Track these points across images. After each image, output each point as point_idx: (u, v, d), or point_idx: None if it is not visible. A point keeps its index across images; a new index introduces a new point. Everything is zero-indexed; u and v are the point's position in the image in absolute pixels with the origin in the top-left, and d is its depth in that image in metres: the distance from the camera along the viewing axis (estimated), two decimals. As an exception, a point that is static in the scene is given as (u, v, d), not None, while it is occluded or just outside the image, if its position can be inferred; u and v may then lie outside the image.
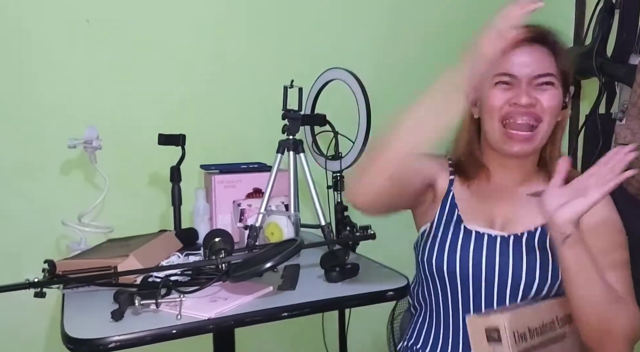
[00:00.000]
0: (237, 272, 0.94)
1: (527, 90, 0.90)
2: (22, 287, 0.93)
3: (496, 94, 0.92)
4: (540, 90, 0.91)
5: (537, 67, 0.91)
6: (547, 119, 0.91)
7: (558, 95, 0.92)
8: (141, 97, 1.46)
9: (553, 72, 0.92)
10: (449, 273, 0.93)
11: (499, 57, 0.87)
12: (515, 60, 0.91)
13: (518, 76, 0.91)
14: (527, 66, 0.91)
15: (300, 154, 1.26)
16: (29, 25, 1.35)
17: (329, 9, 1.64)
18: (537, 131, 0.91)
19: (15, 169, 1.36)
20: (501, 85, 0.92)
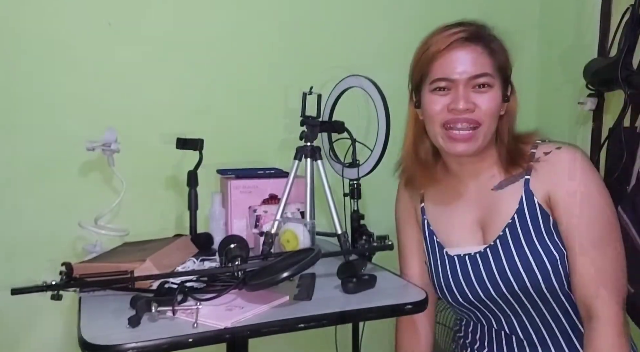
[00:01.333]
0: (253, 280, 0.93)
1: (464, 94, 0.90)
2: (40, 290, 0.93)
3: (434, 100, 0.93)
4: (478, 93, 0.91)
5: (472, 68, 0.90)
6: (487, 121, 0.92)
7: (496, 96, 0.92)
8: (160, 100, 1.47)
9: (489, 72, 0.91)
10: (457, 303, 0.99)
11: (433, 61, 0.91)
12: (450, 62, 0.91)
13: (454, 79, 0.91)
14: (462, 68, 0.90)
15: (317, 160, 1.25)
16: (51, 27, 1.36)
17: (349, 16, 1.64)
18: (478, 132, 0.92)
19: (34, 169, 1.37)
20: (438, 91, 0.93)
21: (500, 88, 0.94)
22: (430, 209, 1.04)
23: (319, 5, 1.60)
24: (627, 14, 1.42)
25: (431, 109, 0.94)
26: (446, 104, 0.92)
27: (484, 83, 0.91)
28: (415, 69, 0.98)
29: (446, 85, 0.92)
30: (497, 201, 0.96)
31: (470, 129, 0.92)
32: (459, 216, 1.00)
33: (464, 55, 0.91)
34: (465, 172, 1.00)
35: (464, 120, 0.91)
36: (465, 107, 0.90)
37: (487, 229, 0.97)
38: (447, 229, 1.01)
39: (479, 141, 0.93)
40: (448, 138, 0.93)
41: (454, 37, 0.91)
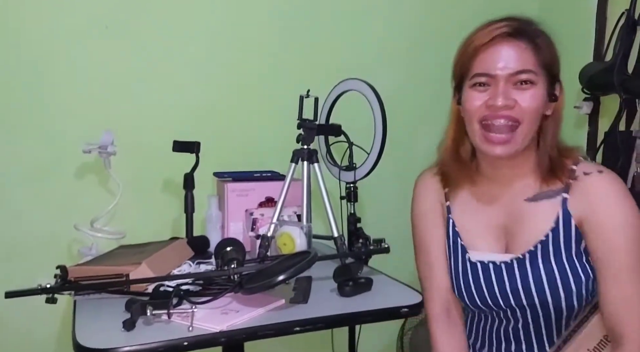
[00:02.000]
0: (249, 283, 0.93)
1: (504, 91, 0.87)
2: (35, 293, 0.93)
3: (473, 96, 0.90)
4: (519, 90, 0.87)
5: (514, 63, 0.87)
6: (527, 120, 0.87)
7: (539, 94, 0.88)
8: (157, 103, 1.46)
9: (532, 68, 0.87)
10: (474, 305, 0.97)
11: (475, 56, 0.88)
12: (491, 58, 0.88)
13: (494, 75, 0.87)
14: (503, 63, 0.87)
15: (314, 163, 1.25)
16: (48, 30, 1.36)
17: (347, 20, 1.64)
18: (517, 133, 0.88)
19: (30, 171, 1.37)
20: (478, 87, 0.90)
21: (544, 86, 0.89)
22: (456, 209, 1.00)
23: (317, 8, 1.60)
24: (622, 19, 1.43)
25: (470, 105, 0.90)
26: (485, 100, 0.89)
27: (526, 80, 0.87)
28: (457, 65, 0.95)
29: (486, 81, 0.88)
30: (530, 214, 0.92)
31: (508, 130, 0.87)
32: (486, 221, 0.97)
33: (506, 51, 0.87)
34: (500, 176, 0.96)
35: (502, 117, 0.87)
36: (503, 104, 0.86)
37: (513, 239, 0.94)
38: (471, 232, 0.97)
39: (517, 143, 0.88)
40: (485, 140, 0.89)
41: (497, 32, 0.87)
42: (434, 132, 1.00)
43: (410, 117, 1.70)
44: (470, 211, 0.99)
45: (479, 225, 0.97)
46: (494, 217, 0.96)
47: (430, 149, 1.73)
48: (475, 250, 0.97)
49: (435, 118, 1.77)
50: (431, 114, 1.75)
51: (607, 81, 1.39)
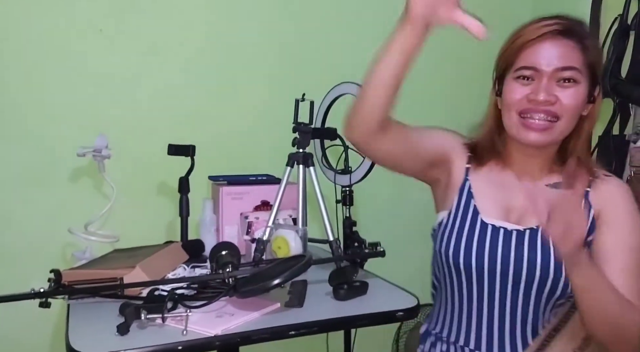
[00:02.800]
0: (244, 287, 0.93)
1: (546, 86, 0.88)
2: (28, 297, 0.92)
3: (516, 88, 0.91)
4: (562, 87, 0.88)
5: (560, 60, 0.88)
6: (566, 117, 0.89)
7: (581, 93, 0.89)
8: (152, 107, 1.46)
9: (577, 66, 0.88)
10: (466, 266, 0.94)
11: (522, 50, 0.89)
12: (538, 52, 0.88)
13: (539, 69, 0.88)
14: (549, 59, 0.88)
15: (309, 167, 1.25)
16: (42, 34, 1.35)
17: (341, 23, 1.65)
18: (556, 125, 0.89)
19: (24, 175, 1.36)
20: (521, 80, 0.90)
21: (586, 86, 0.90)
22: (476, 175, 1.00)
23: (312, 12, 1.61)
24: (615, 24, 1.44)
25: (510, 97, 0.91)
26: (526, 94, 0.89)
27: (570, 77, 0.88)
28: (502, 57, 0.95)
29: (530, 75, 0.89)
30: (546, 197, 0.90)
31: (548, 121, 0.89)
32: (504, 199, 0.97)
33: (554, 47, 0.88)
34: (528, 169, 0.97)
35: (542, 112, 0.88)
36: (545, 99, 0.87)
37: (527, 217, 0.95)
38: (488, 200, 0.97)
39: (554, 134, 0.90)
40: (522, 126, 0.90)
41: (547, 29, 0.88)
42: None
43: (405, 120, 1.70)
44: (490, 185, 0.98)
45: (496, 198, 0.97)
46: (511, 197, 0.96)
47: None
48: (488, 217, 0.96)
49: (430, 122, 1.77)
50: (426, 117, 1.75)
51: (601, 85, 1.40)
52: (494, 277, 0.93)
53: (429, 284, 1.03)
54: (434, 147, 1.01)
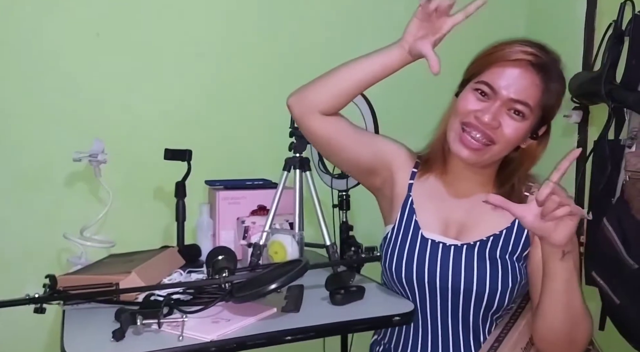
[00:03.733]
0: (240, 292, 0.92)
1: (495, 111, 0.90)
2: (22, 303, 0.92)
3: (470, 99, 0.94)
4: (509, 117, 0.91)
5: (519, 92, 0.90)
6: (501, 144, 0.92)
7: (523, 128, 0.92)
8: (148, 111, 1.46)
9: (531, 104, 0.90)
10: (407, 280, 0.98)
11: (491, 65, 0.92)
12: (503, 75, 0.91)
13: (497, 92, 0.91)
14: (510, 87, 0.90)
15: (306, 172, 1.25)
16: (39, 37, 1.36)
17: (338, 27, 1.65)
18: (489, 149, 0.92)
19: (19, 180, 1.36)
20: (478, 93, 0.93)
21: (532, 124, 0.93)
22: (418, 190, 1.03)
23: (309, 17, 1.62)
24: (610, 29, 1.45)
25: (462, 105, 0.94)
26: (475, 109, 0.92)
27: (520, 111, 0.91)
28: (473, 63, 0.98)
29: (488, 92, 0.92)
30: (487, 213, 0.96)
31: (483, 143, 0.92)
32: (444, 212, 1.01)
33: (520, 78, 0.90)
34: (465, 178, 1.01)
35: (481, 131, 0.92)
36: (489, 122, 0.90)
37: (467, 231, 0.98)
38: (428, 215, 1.01)
39: (484, 157, 0.93)
40: (459, 140, 0.94)
41: (523, 56, 0.90)
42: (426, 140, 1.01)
43: (402, 124, 1.70)
44: (432, 198, 1.02)
45: (437, 213, 1.01)
46: (450, 212, 1.00)
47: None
48: (427, 231, 1.00)
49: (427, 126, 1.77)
50: (423, 121, 1.76)
51: (596, 90, 1.41)
52: (435, 291, 0.97)
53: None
54: (374, 152, 1.04)
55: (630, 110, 1.37)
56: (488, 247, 0.96)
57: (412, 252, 0.98)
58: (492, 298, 0.94)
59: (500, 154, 0.95)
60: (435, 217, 1.01)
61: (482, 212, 0.96)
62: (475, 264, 0.94)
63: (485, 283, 0.93)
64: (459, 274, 0.94)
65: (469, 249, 0.96)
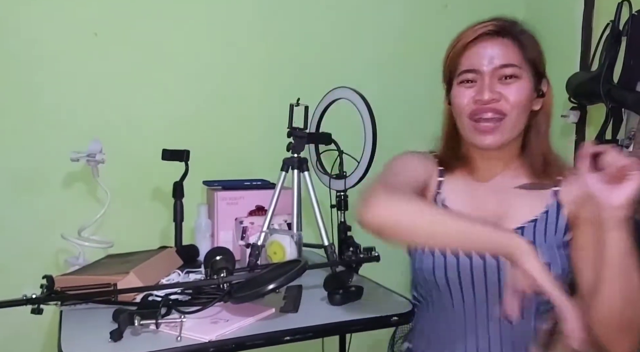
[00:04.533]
0: (239, 293, 0.92)
1: (490, 85, 0.89)
2: (20, 304, 0.91)
3: (461, 92, 0.93)
4: (504, 85, 0.90)
5: (498, 59, 0.90)
6: (513, 113, 0.90)
7: (524, 87, 0.90)
8: (146, 111, 1.46)
9: (516, 63, 0.90)
10: (448, 280, 0.93)
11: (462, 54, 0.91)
12: (476, 54, 0.91)
13: (480, 70, 0.90)
14: (488, 59, 0.90)
15: (304, 172, 1.25)
16: (36, 37, 1.35)
17: (336, 28, 1.65)
18: (503, 123, 0.90)
19: (16, 180, 1.35)
20: (465, 83, 0.92)
21: (530, 80, 0.92)
22: (448, 187, 1.00)
23: (307, 17, 1.61)
24: (607, 29, 1.45)
25: (459, 102, 0.93)
26: (472, 96, 0.91)
27: (511, 74, 0.90)
28: (446, 65, 0.97)
29: (473, 78, 0.92)
30: (520, 199, 0.95)
31: (496, 120, 0.90)
32: (476, 205, 0.97)
33: (491, 47, 0.91)
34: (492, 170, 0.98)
35: (489, 110, 0.90)
36: (490, 98, 0.89)
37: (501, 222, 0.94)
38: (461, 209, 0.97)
39: (504, 134, 0.91)
40: (475, 130, 0.92)
41: (482, 30, 0.91)
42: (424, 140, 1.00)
43: (400, 125, 1.71)
44: (462, 194, 0.99)
45: (469, 208, 0.97)
46: (482, 204, 0.97)
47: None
48: None
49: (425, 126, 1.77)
50: (421, 122, 1.76)
51: (593, 90, 1.41)
52: (477, 288, 0.92)
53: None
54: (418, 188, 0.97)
55: (628, 111, 1.37)
56: (525, 235, 0.92)
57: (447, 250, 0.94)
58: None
59: (518, 123, 0.92)
60: (468, 211, 0.96)
61: (515, 197, 0.94)
62: None
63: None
64: (495, 266, 0.90)
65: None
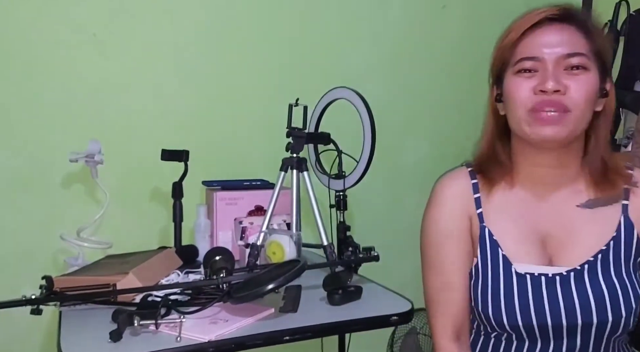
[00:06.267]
0: (238, 293, 0.92)
1: (554, 73, 0.76)
2: (19, 304, 0.91)
3: (519, 83, 0.79)
4: (571, 75, 0.77)
5: (564, 46, 0.77)
6: (579, 109, 0.77)
7: (592, 81, 0.78)
8: (145, 112, 1.46)
9: (584, 52, 0.77)
10: (511, 327, 0.82)
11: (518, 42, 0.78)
12: (537, 40, 0.78)
13: (543, 58, 0.77)
14: (553, 46, 0.77)
15: (303, 172, 1.25)
16: (34, 37, 1.35)
17: (335, 28, 1.65)
18: (568, 117, 0.77)
19: (15, 181, 1.35)
20: (523, 73, 0.79)
21: (597, 75, 0.78)
22: (491, 216, 0.86)
23: (305, 18, 1.61)
24: (606, 29, 1.46)
25: (515, 94, 0.79)
26: (532, 87, 0.78)
27: (578, 64, 0.77)
28: (496, 57, 0.84)
29: (532, 66, 0.78)
30: (584, 221, 0.83)
31: (561, 111, 0.77)
32: (527, 229, 0.84)
33: (555, 33, 0.78)
34: (545, 177, 0.84)
35: (553, 103, 0.76)
36: (555, 88, 0.75)
37: (563, 250, 0.83)
38: (511, 242, 0.84)
39: (569, 126, 0.77)
40: (534, 121, 0.78)
41: (542, 15, 0.78)
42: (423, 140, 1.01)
43: (399, 125, 1.72)
44: (508, 218, 0.86)
45: (519, 234, 0.85)
46: (537, 225, 0.85)
47: (419, 157, 1.75)
48: (518, 262, 0.83)
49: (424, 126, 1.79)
50: (420, 122, 1.77)
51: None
52: (546, 333, 0.81)
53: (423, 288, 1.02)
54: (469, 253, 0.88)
55: (626, 110, 1.38)
56: (599, 268, 0.81)
57: (511, 294, 0.81)
58: (617, 326, 0.79)
59: (583, 121, 0.79)
60: (523, 242, 0.84)
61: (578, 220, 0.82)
62: (590, 292, 0.79)
63: (607, 312, 0.78)
64: (573, 309, 0.79)
65: (578, 276, 0.81)
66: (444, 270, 0.88)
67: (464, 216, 0.88)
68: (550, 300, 0.81)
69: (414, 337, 1.54)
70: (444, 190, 0.90)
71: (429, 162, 1.75)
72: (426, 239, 0.90)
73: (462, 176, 0.90)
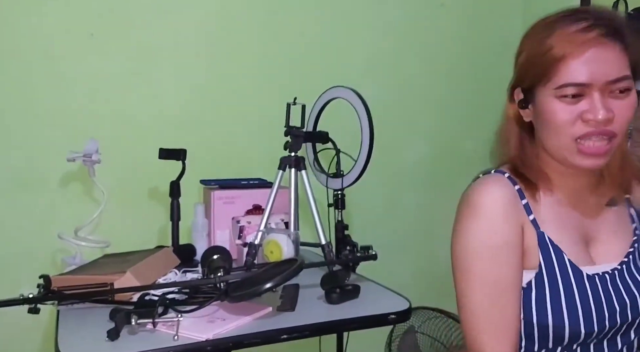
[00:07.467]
0: (236, 292, 0.92)
1: (603, 102, 0.75)
2: (17, 303, 0.91)
3: (562, 108, 0.77)
4: (617, 99, 0.76)
5: (611, 71, 0.75)
6: (623, 132, 0.77)
7: (634, 100, 0.77)
8: (142, 111, 1.46)
9: (628, 73, 0.76)
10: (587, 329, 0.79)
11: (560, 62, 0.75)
12: (583, 65, 0.75)
13: (588, 85, 0.75)
14: (601, 71, 0.75)
15: (301, 171, 1.25)
16: (32, 37, 1.35)
17: (333, 27, 1.65)
18: (612, 145, 0.77)
19: (13, 180, 1.35)
20: (566, 99, 0.76)
21: (635, 90, 0.78)
22: (545, 222, 0.83)
23: (304, 17, 1.62)
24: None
25: (558, 119, 0.77)
26: (578, 113, 0.75)
27: (624, 88, 0.76)
28: (530, 68, 0.80)
29: (578, 92, 0.76)
30: (612, 218, 0.86)
31: (605, 140, 0.76)
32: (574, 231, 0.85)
33: (602, 56, 0.75)
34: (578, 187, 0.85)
35: (601, 133, 0.75)
36: (604, 118, 0.74)
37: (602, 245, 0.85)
38: (567, 245, 0.83)
39: (609, 155, 0.78)
40: (578, 151, 0.77)
41: (590, 35, 0.74)
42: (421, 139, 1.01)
43: (397, 124, 1.72)
44: (559, 222, 0.85)
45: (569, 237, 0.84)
46: (580, 227, 0.85)
47: (416, 156, 1.75)
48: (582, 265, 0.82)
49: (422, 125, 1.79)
50: (418, 121, 1.77)
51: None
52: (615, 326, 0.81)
53: (421, 286, 1.03)
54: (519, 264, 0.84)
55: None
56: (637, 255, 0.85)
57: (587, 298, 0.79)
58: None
59: (622, 143, 0.80)
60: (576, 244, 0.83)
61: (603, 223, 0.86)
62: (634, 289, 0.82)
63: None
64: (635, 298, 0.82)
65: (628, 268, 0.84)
66: (498, 284, 0.81)
67: (516, 225, 0.83)
68: (616, 296, 0.81)
69: (412, 336, 1.54)
70: (487, 199, 0.83)
71: (427, 161, 1.75)
72: (471, 253, 0.82)
73: (503, 182, 0.85)
